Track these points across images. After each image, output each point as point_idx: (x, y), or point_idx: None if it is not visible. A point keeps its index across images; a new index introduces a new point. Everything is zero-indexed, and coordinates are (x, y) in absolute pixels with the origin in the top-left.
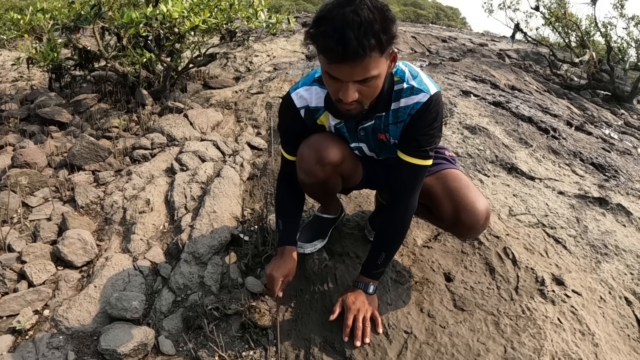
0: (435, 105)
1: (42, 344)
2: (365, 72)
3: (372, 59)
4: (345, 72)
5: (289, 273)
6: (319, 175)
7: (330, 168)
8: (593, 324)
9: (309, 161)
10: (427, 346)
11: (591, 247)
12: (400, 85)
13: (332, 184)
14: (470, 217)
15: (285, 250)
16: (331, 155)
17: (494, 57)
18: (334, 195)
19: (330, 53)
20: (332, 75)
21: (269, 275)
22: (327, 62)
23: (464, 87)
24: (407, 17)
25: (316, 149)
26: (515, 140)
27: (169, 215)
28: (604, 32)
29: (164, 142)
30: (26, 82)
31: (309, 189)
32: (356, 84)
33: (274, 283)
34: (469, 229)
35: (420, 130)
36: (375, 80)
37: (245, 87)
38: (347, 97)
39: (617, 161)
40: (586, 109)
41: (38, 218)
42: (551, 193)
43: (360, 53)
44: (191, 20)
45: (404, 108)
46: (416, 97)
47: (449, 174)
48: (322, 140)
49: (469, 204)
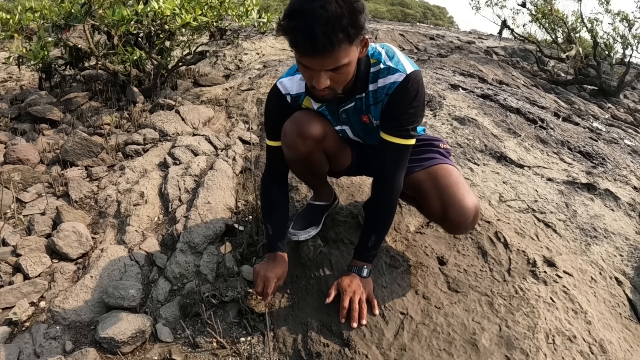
0: (413, 84)
1: (39, 334)
2: (335, 62)
3: (341, 50)
4: (316, 64)
5: (282, 277)
6: (300, 148)
7: (312, 142)
8: (585, 303)
9: (290, 134)
10: (423, 326)
11: (581, 230)
12: (377, 67)
13: (316, 160)
14: (458, 215)
15: (276, 255)
16: (312, 129)
17: (481, 54)
18: (322, 177)
19: (298, 47)
20: (304, 65)
21: (264, 277)
22: (298, 55)
23: (452, 81)
24: (395, 17)
25: (298, 123)
26: (503, 130)
27: (163, 207)
28: (590, 27)
29: (156, 137)
30: (15, 82)
31: (296, 167)
32: (328, 72)
33: (268, 284)
34: (457, 226)
35: (400, 109)
36: (346, 68)
37: (235, 85)
38: (319, 84)
39: (604, 149)
40: (573, 103)
41: (32, 213)
42: (540, 180)
43: (328, 48)
44: (182, 17)
45: (381, 88)
46: (392, 76)
47: (440, 170)
48: (304, 115)
49: (457, 202)
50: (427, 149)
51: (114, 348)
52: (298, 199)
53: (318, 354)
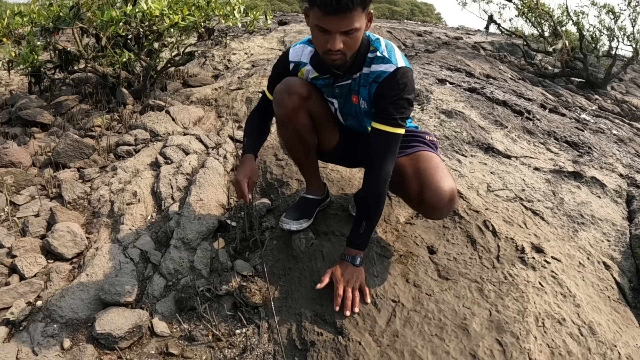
0: (402, 77)
1: (36, 333)
2: (350, 24)
3: (356, 13)
4: (334, 24)
5: (252, 174)
6: (287, 104)
7: (297, 98)
8: (574, 287)
9: (279, 91)
10: (414, 313)
11: (568, 217)
12: (374, 53)
13: (302, 121)
14: (433, 196)
15: (246, 157)
16: (298, 87)
17: (468, 49)
18: (312, 158)
19: (325, 5)
20: (322, 27)
21: (236, 181)
22: (322, 14)
23: (440, 76)
24: (382, 14)
25: (286, 83)
26: (490, 123)
27: (156, 205)
28: (576, 20)
29: (147, 137)
30: (5, 87)
31: (286, 133)
32: (342, 35)
33: (241, 185)
34: (432, 208)
35: (389, 99)
36: (357, 33)
37: (224, 84)
38: (335, 45)
39: (591, 139)
40: (560, 95)
41: (26, 215)
42: (527, 170)
43: (349, 5)
44: (170, 18)
45: (372, 73)
46: (384, 65)
47: (422, 156)
48: (293, 78)
49: (433, 183)
50: (414, 139)
51: (112, 343)
52: (289, 193)
53: (312, 342)
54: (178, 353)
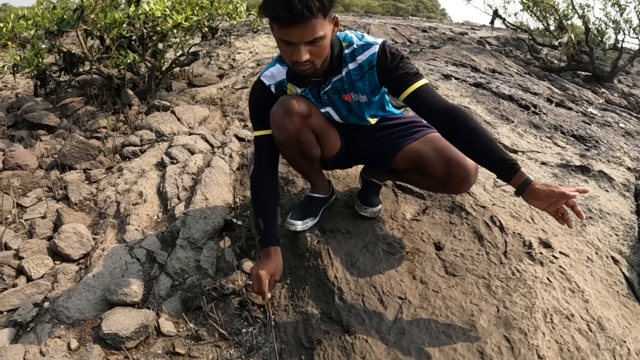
0: (389, 48)
1: (44, 334)
2: (313, 34)
3: (317, 21)
4: (296, 35)
5: (276, 272)
6: (288, 126)
7: (298, 118)
8: (582, 282)
9: (278, 114)
10: (421, 310)
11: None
12: (351, 48)
13: (305, 139)
14: (462, 170)
15: (269, 250)
16: (297, 106)
17: (474, 44)
18: (315, 164)
19: (279, 19)
20: (285, 40)
21: (256, 275)
22: (279, 27)
23: (445, 72)
24: (387, 11)
25: (284, 103)
26: (496, 117)
27: (162, 205)
28: (582, 14)
29: (152, 138)
30: (11, 90)
31: (288, 152)
32: (307, 45)
33: (262, 282)
34: (460, 181)
35: (395, 68)
36: (323, 41)
37: (229, 84)
38: (300, 56)
39: (598, 132)
40: (567, 89)
41: (32, 217)
42: (534, 164)
43: (305, 14)
44: (173, 18)
45: (363, 63)
46: (369, 50)
47: (434, 137)
48: (289, 97)
49: (459, 158)
50: (413, 124)
51: (118, 343)
52: (295, 192)
53: (319, 340)
54: (184, 352)
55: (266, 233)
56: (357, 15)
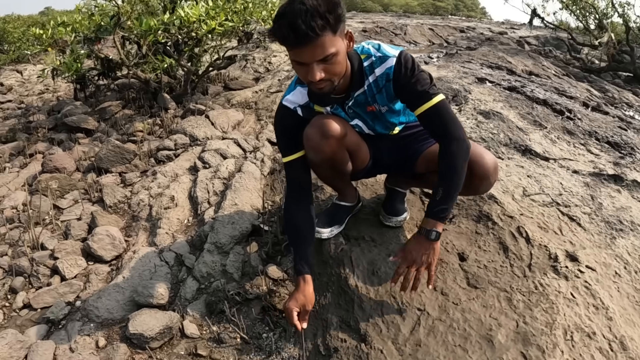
0: (405, 61)
1: (74, 331)
2: (323, 51)
3: (326, 38)
4: (307, 55)
5: (307, 302)
6: (325, 149)
7: (335, 141)
8: (607, 298)
9: (314, 138)
10: (439, 322)
11: (606, 223)
12: (370, 60)
13: (340, 159)
14: (481, 168)
15: (299, 280)
16: (333, 128)
17: (512, 44)
18: (346, 177)
19: (287, 41)
20: (297, 61)
21: (286, 310)
22: (289, 49)
23: (479, 75)
24: (426, 10)
25: (319, 125)
26: (529, 123)
27: (193, 210)
28: (622, 12)
29: (186, 142)
30: (52, 93)
31: (321, 170)
32: (320, 64)
33: (291, 316)
34: (480, 179)
35: (410, 83)
36: (336, 57)
37: (265, 87)
38: (314, 76)
39: (634, 139)
40: (607, 91)
41: (68, 218)
42: (565, 172)
43: (310, 34)
44: (208, 24)
45: (380, 76)
46: (386, 63)
47: None
48: (323, 118)
49: (477, 156)
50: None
51: (143, 343)
52: (323, 198)
53: (336, 349)
54: (206, 354)
55: (298, 261)
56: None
